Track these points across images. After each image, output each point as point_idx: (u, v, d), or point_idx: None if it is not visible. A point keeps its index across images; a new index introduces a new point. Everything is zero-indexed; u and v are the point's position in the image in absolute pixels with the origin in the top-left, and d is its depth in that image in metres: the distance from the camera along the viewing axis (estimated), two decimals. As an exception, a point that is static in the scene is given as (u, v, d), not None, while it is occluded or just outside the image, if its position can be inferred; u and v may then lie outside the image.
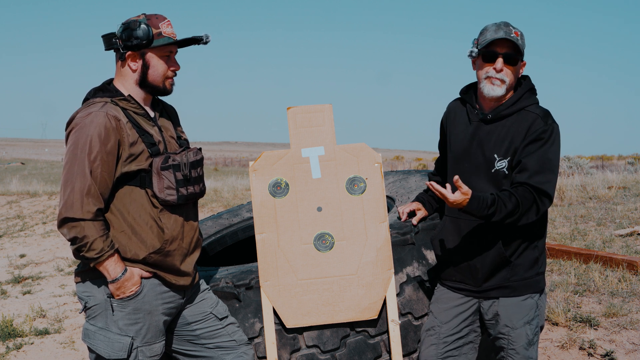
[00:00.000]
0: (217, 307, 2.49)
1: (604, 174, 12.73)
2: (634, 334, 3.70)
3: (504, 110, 2.40)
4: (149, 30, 2.25)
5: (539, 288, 2.43)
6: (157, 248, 2.27)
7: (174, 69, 2.36)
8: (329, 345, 2.57)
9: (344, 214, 2.67)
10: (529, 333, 2.38)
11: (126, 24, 2.27)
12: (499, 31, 2.36)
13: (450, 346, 2.50)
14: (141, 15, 2.30)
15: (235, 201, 11.33)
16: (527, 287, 2.40)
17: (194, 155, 2.35)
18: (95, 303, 2.25)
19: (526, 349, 2.39)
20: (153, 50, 2.29)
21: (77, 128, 2.18)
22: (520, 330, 2.38)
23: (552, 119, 2.38)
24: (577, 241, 5.89)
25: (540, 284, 2.43)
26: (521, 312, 2.39)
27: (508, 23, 2.40)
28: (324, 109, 2.76)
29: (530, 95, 2.43)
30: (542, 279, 2.45)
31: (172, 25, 2.33)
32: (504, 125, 2.40)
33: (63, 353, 4.66)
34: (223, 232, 3.73)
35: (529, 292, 2.40)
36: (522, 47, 2.39)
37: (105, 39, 2.31)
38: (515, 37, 2.36)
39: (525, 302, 2.40)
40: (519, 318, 2.39)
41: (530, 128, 2.34)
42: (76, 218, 2.12)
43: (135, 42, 2.24)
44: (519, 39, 2.37)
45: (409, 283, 2.66)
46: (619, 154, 58.81)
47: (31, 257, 9.03)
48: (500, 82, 2.38)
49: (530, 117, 2.37)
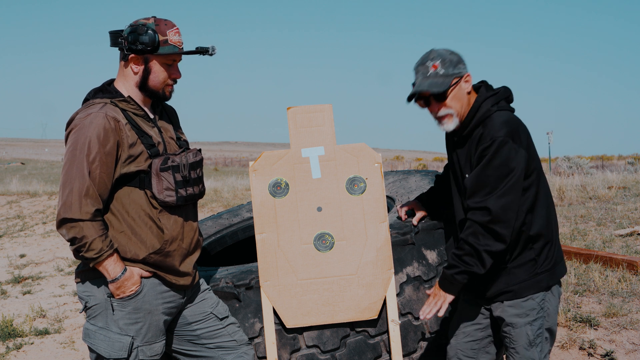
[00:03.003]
0: (218, 307, 2.49)
1: (604, 174, 12.73)
2: (634, 334, 3.70)
3: (464, 132, 2.40)
4: (155, 36, 2.24)
5: (540, 287, 2.41)
6: (157, 248, 2.27)
7: (175, 77, 2.35)
8: (329, 345, 2.57)
9: (344, 214, 2.67)
10: (529, 333, 2.38)
11: (134, 26, 2.25)
12: (414, 79, 2.38)
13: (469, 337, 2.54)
14: (151, 18, 2.28)
15: (235, 201, 11.33)
16: (528, 288, 2.40)
17: (193, 156, 2.35)
18: (96, 303, 2.25)
19: (526, 349, 2.38)
20: (157, 56, 2.28)
21: (76, 129, 2.18)
22: (520, 330, 2.38)
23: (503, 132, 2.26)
24: (577, 241, 5.89)
25: (541, 283, 2.41)
26: (521, 312, 2.39)
27: (426, 58, 2.35)
28: (324, 109, 2.76)
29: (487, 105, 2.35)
30: (546, 277, 2.41)
31: (181, 33, 2.32)
32: (468, 143, 2.41)
33: (63, 353, 4.67)
34: (223, 232, 3.73)
35: (530, 293, 2.40)
36: (444, 82, 2.32)
37: (112, 35, 2.30)
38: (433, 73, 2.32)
39: (526, 302, 2.39)
40: (519, 318, 2.39)
41: (478, 145, 2.32)
42: (75, 219, 2.12)
43: (140, 46, 2.23)
44: (438, 71, 2.32)
45: (409, 283, 2.66)
46: (619, 154, 58.82)
47: (31, 257, 9.03)
48: (446, 118, 2.37)
49: (478, 132, 2.34)
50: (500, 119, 2.32)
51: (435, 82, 2.33)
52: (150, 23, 2.26)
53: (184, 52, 2.31)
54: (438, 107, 2.36)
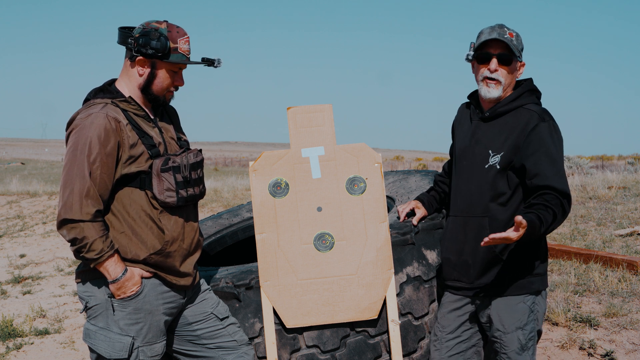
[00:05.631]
0: (218, 307, 2.50)
1: (604, 174, 12.73)
2: (634, 334, 3.70)
3: (501, 108, 2.42)
4: (167, 43, 2.24)
5: (532, 289, 2.40)
6: (157, 249, 2.27)
7: (179, 84, 2.36)
8: (329, 345, 2.57)
9: (344, 214, 2.67)
10: (521, 338, 2.37)
11: (147, 29, 2.25)
12: (492, 33, 2.39)
13: (452, 351, 2.51)
14: (164, 23, 2.28)
15: (235, 201, 11.33)
16: (519, 287, 2.38)
17: (194, 156, 2.35)
18: (96, 303, 2.25)
19: (518, 354, 2.37)
20: (164, 63, 2.28)
21: (77, 129, 2.18)
22: (512, 335, 2.37)
23: (549, 115, 2.38)
24: (577, 241, 5.89)
25: (533, 285, 2.40)
26: (513, 316, 2.38)
27: (503, 25, 2.41)
28: (324, 109, 2.76)
29: (529, 95, 2.43)
30: (538, 280, 2.42)
31: (189, 42, 2.32)
32: (501, 123, 2.42)
33: (63, 353, 4.67)
34: (223, 232, 3.73)
35: (521, 293, 2.38)
36: (516, 48, 2.39)
37: (122, 33, 2.29)
38: (509, 38, 2.37)
39: (518, 306, 2.38)
40: (511, 322, 2.37)
41: (527, 125, 2.34)
42: (75, 219, 2.13)
43: (150, 51, 2.23)
44: (513, 40, 2.38)
45: (409, 283, 2.66)
46: (619, 154, 58.80)
47: (31, 257, 9.03)
48: (495, 83, 2.40)
49: (526, 114, 2.37)
50: (542, 108, 2.42)
51: (513, 44, 2.38)
52: (162, 28, 2.25)
53: (192, 62, 2.32)
54: (498, 67, 2.40)
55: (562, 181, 2.27)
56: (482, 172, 2.42)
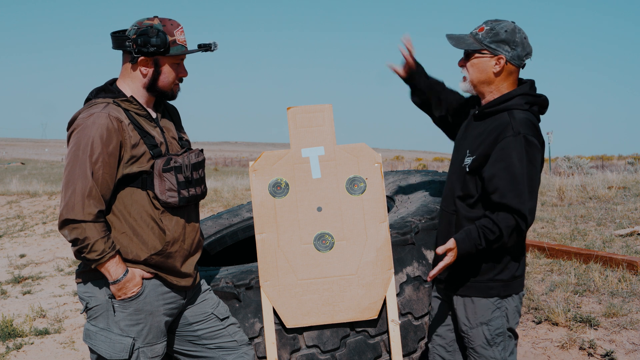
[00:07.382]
0: (218, 308, 2.50)
1: (604, 174, 12.73)
2: (634, 334, 3.70)
3: (487, 109, 2.39)
4: (166, 38, 2.23)
5: (490, 294, 2.36)
6: (158, 250, 2.27)
7: (183, 75, 2.36)
8: (329, 345, 2.57)
9: (344, 214, 2.67)
10: (486, 333, 2.36)
11: (142, 28, 2.23)
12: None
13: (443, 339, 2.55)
14: (155, 19, 2.26)
15: (235, 201, 11.33)
16: (478, 290, 2.36)
17: (195, 156, 2.35)
18: (97, 304, 2.25)
19: (485, 348, 2.37)
20: (167, 57, 2.28)
21: (79, 129, 2.18)
22: (476, 330, 2.38)
23: (526, 127, 2.27)
24: (577, 241, 5.89)
25: (492, 290, 2.36)
26: (476, 312, 2.37)
27: (487, 21, 2.40)
28: (324, 109, 2.76)
29: (519, 99, 2.34)
30: (498, 286, 2.36)
31: (184, 32, 2.32)
32: (485, 124, 2.38)
33: (63, 353, 4.67)
34: (223, 232, 3.74)
35: (479, 296, 2.36)
36: (478, 41, 2.35)
37: (116, 38, 2.27)
38: (474, 32, 2.38)
39: (480, 302, 2.36)
40: (474, 318, 2.37)
41: (499, 136, 2.28)
42: (77, 220, 2.12)
43: (151, 49, 2.22)
44: (479, 34, 2.36)
45: (409, 283, 2.67)
46: (619, 154, 58.82)
47: (31, 257, 9.03)
48: (463, 78, 2.44)
49: (504, 123, 2.30)
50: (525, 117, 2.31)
51: (466, 40, 2.39)
52: (157, 24, 2.24)
53: (191, 52, 2.32)
54: (461, 63, 2.44)
55: (518, 200, 2.21)
56: (459, 170, 2.41)
